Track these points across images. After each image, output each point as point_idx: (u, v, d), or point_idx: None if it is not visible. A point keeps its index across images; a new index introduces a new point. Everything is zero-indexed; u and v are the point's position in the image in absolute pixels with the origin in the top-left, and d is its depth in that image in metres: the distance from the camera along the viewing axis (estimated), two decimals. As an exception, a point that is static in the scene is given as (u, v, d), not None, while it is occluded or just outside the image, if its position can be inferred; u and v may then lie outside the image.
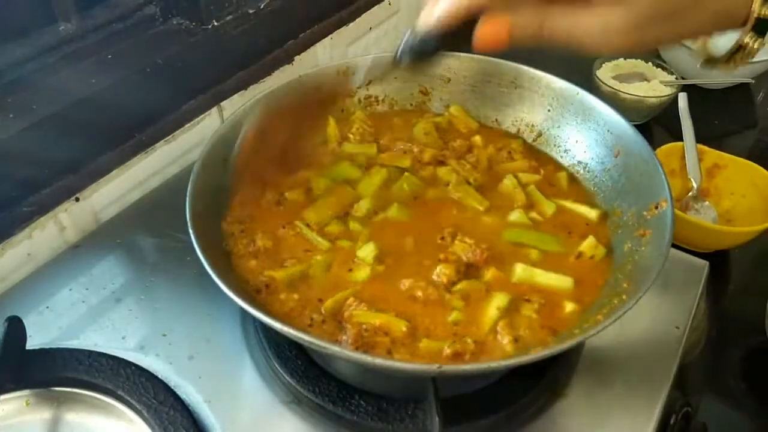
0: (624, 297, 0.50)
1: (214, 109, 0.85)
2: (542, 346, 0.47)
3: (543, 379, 0.57)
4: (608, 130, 0.65)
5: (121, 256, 0.71)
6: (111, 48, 0.76)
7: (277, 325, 0.47)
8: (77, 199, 0.73)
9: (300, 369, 0.57)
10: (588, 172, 0.66)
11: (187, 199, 0.56)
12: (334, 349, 0.45)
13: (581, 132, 0.67)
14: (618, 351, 0.61)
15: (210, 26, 0.80)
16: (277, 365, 0.58)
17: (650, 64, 1.14)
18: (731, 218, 0.89)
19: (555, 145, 0.70)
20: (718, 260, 0.80)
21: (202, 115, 0.84)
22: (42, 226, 0.71)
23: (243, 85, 0.88)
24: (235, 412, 0.57)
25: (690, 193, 0.90)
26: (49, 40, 0.73)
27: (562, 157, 0.69)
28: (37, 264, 0.71)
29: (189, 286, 0.66)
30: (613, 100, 1.03)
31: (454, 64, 0.73)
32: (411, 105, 0.75)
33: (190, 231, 0.54)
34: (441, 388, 0.52)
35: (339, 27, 1.00)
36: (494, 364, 0.44)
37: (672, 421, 0.58)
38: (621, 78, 1.12)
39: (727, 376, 0.75)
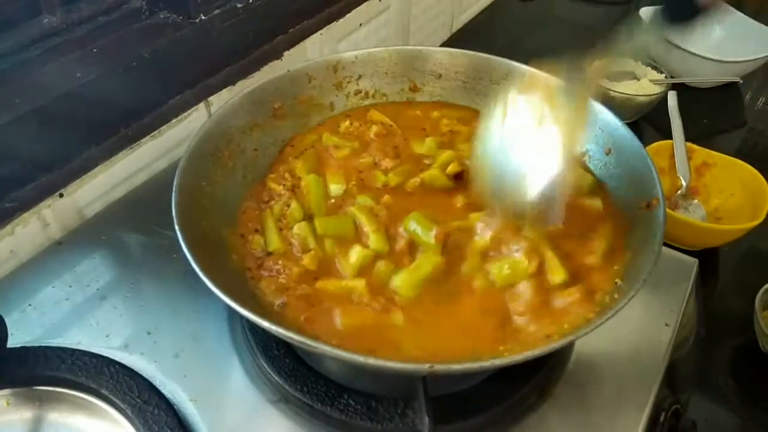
0: (616, 296, 0.50)
1: (202, 104, 0.84)
2: (533, 346, 0.46)
3: (533, 377, 0.56)
4: (600, 128, 0.64)
5: (106, 253, 0.69)
6: (96, 41, 0.74)
7: (264, 324, 0.46)
8: (61, 195, 0.72)
9: (288, 367, 0.57)
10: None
11: (173, 194, 0.55)
12: (324, 348, 0.45)
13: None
14: (608, 349, 0.61)
15: (198, 20, 0.79)
16: (264, 363, 0.57)
17: (640, 62, 1.14)
18: (720, 216, 0.90)
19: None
20: (707, 258, 0.80)
21: (190, 110, 0.83)
22: (25, 223, 0.69)
23: (231, 80, 0.87)
24: (221, 411, 0.56)
25: (679, 192, 0.90)
26: (33, 32, 0.72)
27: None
28: (20, 261, 0.70)
29: (175, 283, 0.65)
30: (602, 98, 1.03)
31: (445, 59, 0.72)
32: (401, 100, 0.75)
33: (176, 227, 0.53)
34: (430, 387, 0.52)
35: (329, 23, 0.99)
36: (486, 364, 0.43)
37: (662, 419, 0.57)
38: (611, 76, 1.12)
39: (716, 374, 0.75)
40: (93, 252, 0.69)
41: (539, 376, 0.56)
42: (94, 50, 0.73)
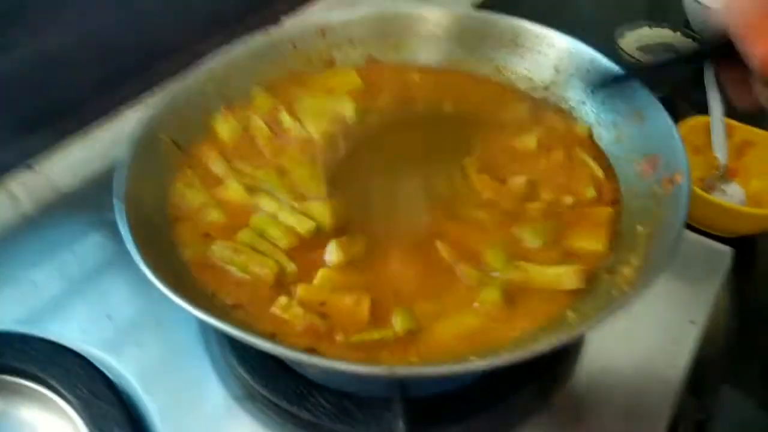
0: (626, 288, 0.42)
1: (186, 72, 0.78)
2: (517, 347, 0.39)
3: (533, 379, 0.49)
4: (618, 92, 0.56)
5: (77, 232, 0.64)
6: (73, 1, 0.69)
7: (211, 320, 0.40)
8: (30, 166, 0.67)
9: (255, 360, 0.51)
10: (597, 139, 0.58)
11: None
12: (261, 344, 0.38)
13: (587, 94, 0.59)
14: (621, 347, 0.53)
15: (185, -20, 0.73)
16: (232, 356, 0.52)
17: (678, 33, 1.05)
18: (761, 200, 0.81)
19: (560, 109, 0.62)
20: (744, 247, 0.71)
21: (177, 77, 0.77)
22: (-10, 196, 0.65)
23: (222, 47, 0.81)
24: (180, 409, 0.50)
25: (716, 172, 0.81)
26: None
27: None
28: (-15, 237, 0.65)
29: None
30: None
31: (446, 20, 0.65)
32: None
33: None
34: (411, 386, 0.45)
35: (333, -14, 0.92)
36: (457, 367, 0.36)
37: (682, 432, 0.50)
38: (646, 49, 1.03)
39: (750, 378, 0.66)
40: (62, 231, 0.65)
41: (538, 380, 0.49)
42: (71, 10, 0.68)
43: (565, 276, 0.45)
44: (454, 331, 0.42)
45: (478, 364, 0.37)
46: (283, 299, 0.44)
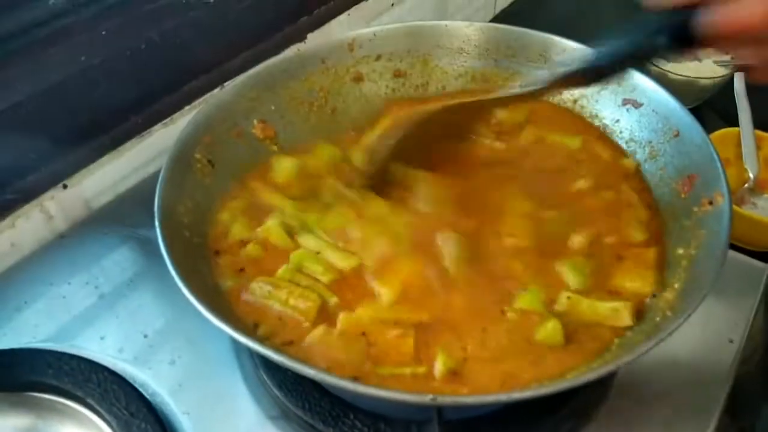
0: (669, 313, 0.41)
1: (218, 90, 0.79)
2: (560, 376, 0.39)
3: (570, 401, 0.49)
4: (653, 110, 0.56)
5: (108, 249, 0.65)
6: (105, 23, 0.70)
7: (244, 340, 0.40)
8: (65, 186, 0.68)
9: (290, 380, 0.51)
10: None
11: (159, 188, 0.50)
12: (308, 371, 0.38)
13: (622, 112, 0.58)
14: (659, 368, 0.52)
15: (212, 0, 0.74)
16: (264, 375, 0.52)
17: (703, 42, 1.03)
18: (795, 214, 0.79)
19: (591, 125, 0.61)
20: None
21: (204, 97, 0.78)
22: (27, 215, 0.66)
23: (249, 65, 0.80)
24: (215, 427, 0.50)
25: (746, 185, 0.80)
26: (37, 14, 0.68)
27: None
28: (21, 255, 0.66)
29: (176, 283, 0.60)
30: (661, 81, 0.94)
31: (475, 35, 0.65)
32: (422, 84, 0.67)
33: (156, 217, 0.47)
34: (448, 410, 0.45)
35: (357, 2, 0.92)
36: (503, 397, 0.36)
37: (723, 454, 0.49)
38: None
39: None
40: (94, 247, 0.65)
41: (576, 401, 0.48)
42: (103, 32, 0.69)
43: (618, 313, 0.44)
44: (499, 371, 0.42)
45: (523, 393, 0.36)
46: (320, 328, 0.45)
